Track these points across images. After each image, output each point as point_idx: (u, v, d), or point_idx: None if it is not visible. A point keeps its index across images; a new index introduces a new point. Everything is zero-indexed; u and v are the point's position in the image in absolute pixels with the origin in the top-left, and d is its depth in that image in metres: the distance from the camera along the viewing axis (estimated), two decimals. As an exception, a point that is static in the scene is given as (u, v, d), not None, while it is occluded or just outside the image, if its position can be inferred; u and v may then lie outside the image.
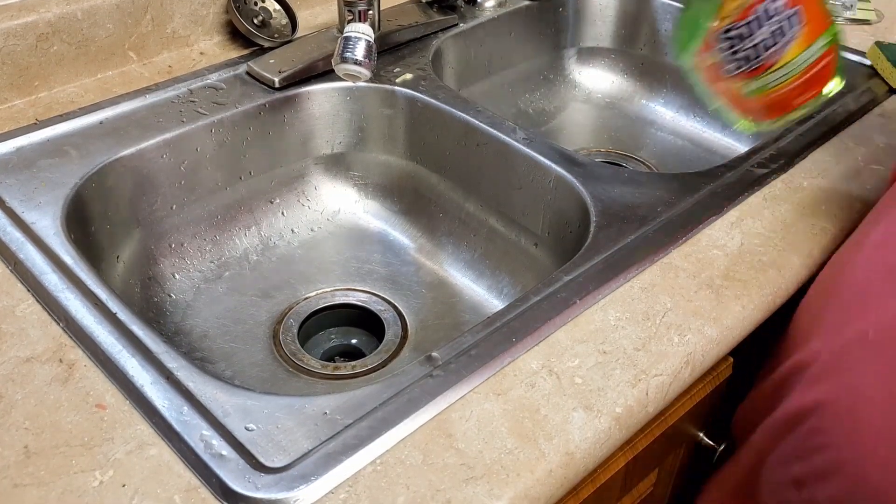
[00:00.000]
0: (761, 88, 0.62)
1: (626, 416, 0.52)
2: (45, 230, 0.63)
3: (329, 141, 0.86)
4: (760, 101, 0.63)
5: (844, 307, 0.57)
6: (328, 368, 0.74)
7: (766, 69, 0.60)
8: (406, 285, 0.83)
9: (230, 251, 0.82)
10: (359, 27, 0.77)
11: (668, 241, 0.65)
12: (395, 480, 0.47)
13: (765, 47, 0.60)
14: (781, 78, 0.61)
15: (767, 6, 0.59)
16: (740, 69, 0.62)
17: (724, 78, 0.63)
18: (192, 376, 0.52)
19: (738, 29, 0.60)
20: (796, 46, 0.59)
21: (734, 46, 0.61)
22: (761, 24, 0.59)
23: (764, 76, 0.61)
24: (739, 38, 0.60)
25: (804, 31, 0.58)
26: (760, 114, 0.64)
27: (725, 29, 0.60)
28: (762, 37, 0.59)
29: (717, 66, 0.62)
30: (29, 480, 0.46)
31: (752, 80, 0.61)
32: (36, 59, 0.77)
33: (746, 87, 0.62)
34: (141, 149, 0.73)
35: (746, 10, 0.59)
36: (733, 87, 0.63)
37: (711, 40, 0.61)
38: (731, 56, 0.61)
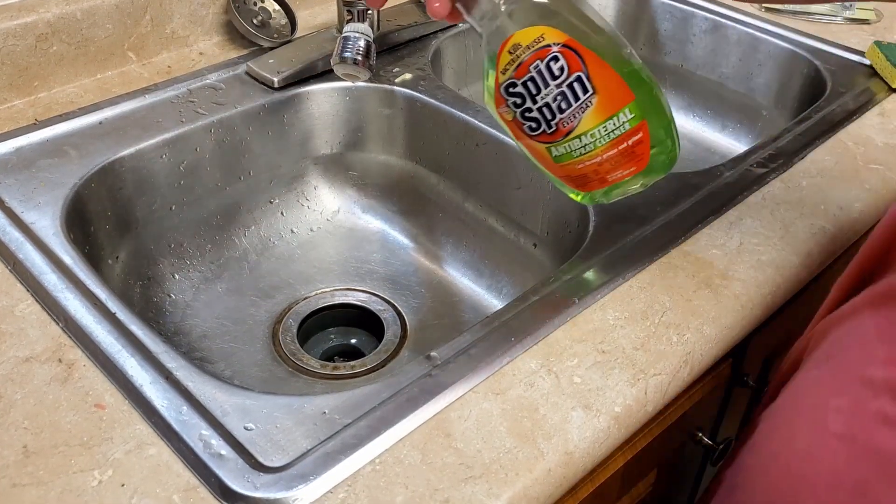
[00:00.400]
0: (567, 155, 0.57)
1: (625, 416, 0.52)
2: (44, 230, 0.63)
3: (328, 141, 0.86)
4: (572, 170, 0.58)
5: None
6: (327, 368, 0.75)
7: (564, 135, 0.56)
8: (405, 285, 0.83)
9: (230, 251, 0.82)
10: (358, 27, 0.77)
11: (667, 241, 0.65)
12: (393, 480, 0.47)
13: (556, 110, 0.55)
14: (585, 148, 0.56)
15: (541, 66, 0.54)
16: (536, 132, 0.57)
17: (527, 137, 0.58)
18: (192, 376, 0.52)
19: (518, 87, 0.56)
20: (592, 116, 0.55)
21: (521, 106, 0.56)
22: (540, 85, 0.55)
23: (564, 142, 0.57)
24: (523, 98, 0.56)
25: (597, 99, 0.54)
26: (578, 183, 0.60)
27: (506, 84, 0.56)
28: (547, 99, 0.55)
29: (517, 122, 0.58)
30: (28, 480, 0.46)
31: (553, 144, 0.57)
32: (35, 59, 0.77)
33: (552, 152, 0.58)
34: (140, 149, 0.73)
35: (522, 68, 0.55)
36: (539, 148, 0.59)
37: (500, 94, 0.57)
38: (523, 115, 0.57)
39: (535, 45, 0.54)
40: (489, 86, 0.58)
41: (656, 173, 0.58)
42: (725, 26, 0.99)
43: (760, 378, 0.74)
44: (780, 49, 0.95)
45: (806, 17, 1.00)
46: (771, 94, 0.98)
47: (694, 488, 0.79)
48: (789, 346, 0.78)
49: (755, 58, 0.97)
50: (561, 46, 0.54)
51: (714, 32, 1.00)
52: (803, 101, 0.93)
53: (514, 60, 0.55)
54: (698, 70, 1.03)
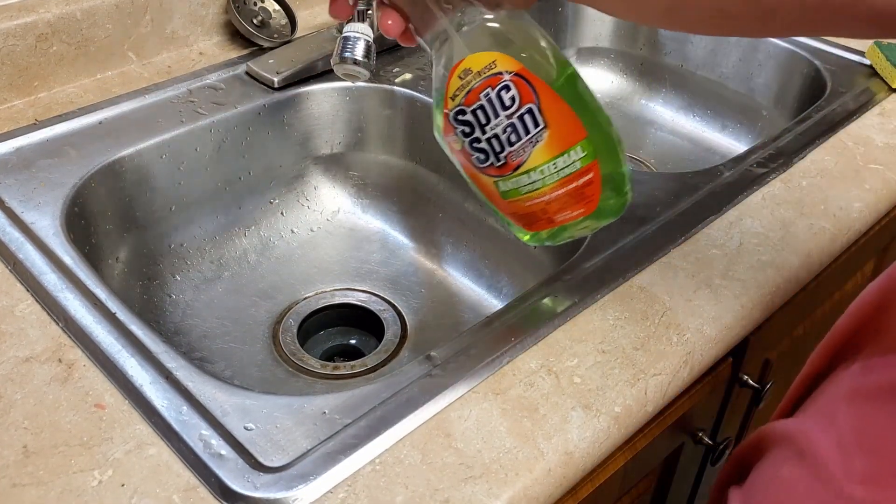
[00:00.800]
0: (515, 191, 0.54)
1: (625, 416, 0.52)
2: (44, 230, 0.63)
3: (328, 141, 0.86)
4: (519, 208, 0.55)
5: None
6: (327, 368, 0.75)
7: (513, 169, 0.53)
8: (405, 285, 0.83)
9: (230, 251, 0.82)
10: (358, 27, 0.77)
11: (667, 241, 0.65)
12: (393, 480, 0.47)
13: (506, 142, 0.52)
14: (533, 185, 0.53)
15: (491, 94, 0.51)
16: (485, 164, 0.53)
17: (477, 169, 0.55)
18: (192, 376, 0.52)
19: (467, 115, 0.52)
20: (542, 151, 0.51)
21: (469, 135, 0.53)
22: (489, 114, 0.52)
23: (513, 177, 0.53)
24: (472, 126, 0.52)
25: (548, 134, 0.51)
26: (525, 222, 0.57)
27: (456, 111, 0.52)
28: (496, 130, 0.52)
29: (465, 153, 0.54)
30: (28, 480, 0.46)
31: (501, 178, 0.54)
32: (35, 59, 0.77)
33: (499, 186, 0.54)
34: (140, 149, 0.73)
35: (472, 95, 0.51)
36: (487, 182, 0.55)
37: (448, 122, 0.53)
38: (471, 145, 0.53)
39: (486, 72, 0.51)
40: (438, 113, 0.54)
41: (606, 217, 0.55)
42: (725, 26, 0.99)
43: (760, 378, 0.74)
44: (780, 49, 0.95)
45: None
46: (771, 94, 0.98)
47: (694, 488, 0.79)
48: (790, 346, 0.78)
49: (755, 58, 0.97)
50: (513, 75, 0.50)
51: (714, 32, 1.00)
52: (803, 101, 0.93)
53: (465, 86, 0.52)
54: (698, 70, 1.03)
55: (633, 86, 1.09)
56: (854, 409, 0.47)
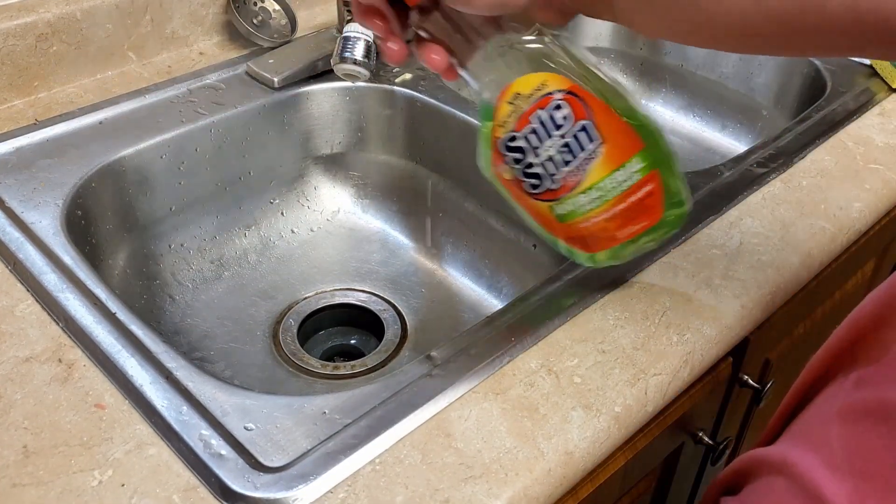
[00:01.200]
0: (572, 213, 0.53)
1: (625, 416, 0.52)
2: (44, 230, 0.63)
3: (328, 141, 0.86)
4: (578, 230, 0.54)
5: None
6: (328, 368, 0.75)
7: (569, 190, 0.51)
8: (405, 285, 0.83)
9: (230, 251, 0.82)
10: (358, 27, 0.77)
11: (667, 241, 0.65)
12: (394, 480, 0.47)
13: (561, 163, 0.51)
14: (592, 203, 0.52)
15: (543, 115, 0.50)
16: (539, 188, 0.52)
17: (529, 197, 0.54)
18: (192, 376, 0.52)
19: (518, 140, 0.51)
20: (600, 167, 0.50)
21: (521, 161, 0.52)
22: (542, 137, 0.50)
23: (570, 198, 0.52)
24: (523, 152, 0.51)
25: (605, 149, 0.50)
26: (585, 244, 0.55)
27: (506, 139, 0.51)
28: (550, 151, 0.50)
29: (517, 182, 0.53)
30: (28, 480, 0.46)
31: (556, 202, 0.52)
32: (35, 59, 0.77)
33: (555, 210, 0.53)
34: (140, 149, 0.73)
35: (522, 119, 0.50)
36: (541, 208, 0.54)
37: (498, 151, 0.52)
38: (524, 171, 0.52)
39: (536, 94, 0.50)
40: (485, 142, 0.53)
41: (669, 228, 0.53)
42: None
43: (761, 378, 0.74)
44: (780, 49, 0.95)
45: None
46: (771, 93, 0.97)
47: (694, 488, 0.79)
48: (790, 346, 0.78)
49: (755, 58, 0.97)
50: (565, 93, 0.49)
51: (714, 32, 1.00)
52: (803, 100, 0.93)
53: (515, 111, 0.50)
54: (698, 70, 1.03)
55: (633, 86, 1.09)
56: (847, 428, 0.47)
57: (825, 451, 0.47)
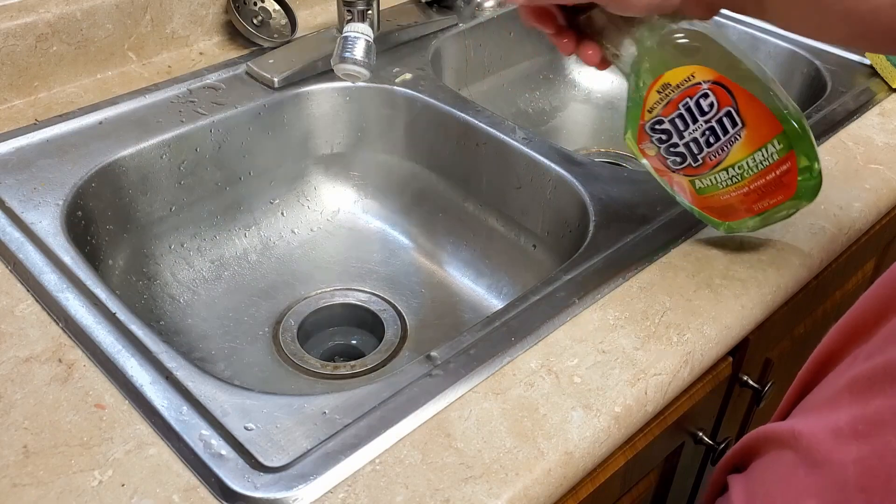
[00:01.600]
0: (712, 187, 0.59)
1: (625, 416, 0.52)
2: (44, 230, 0.63)
3: (328, 141, 0.86)
4: (715, 201, 0.60)
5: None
6: (328, 368, 0.75)
7: (711, 168, 0.58)
8: (405, 285, 0.83)
9: (230, 251, 0.82)
10: (358, 27, 0.77)
11: (668, 241, 0.65)
12: (394, 480, 0.47)
13: (705, 144, 0.57)
14: (731, 179, 0.58)
15: (690, 103, 0.56)
16: (681, 165, 0.59)
17: (670, 171, 0.60)
18: (192, 376, 0.52)
19: (665, 124, 0.57)
20: (741, 148, 0.56)
21: (666, 141, 0.58)
22: (688, 121, 0.56)
23: (710, 174, 0.58)
24: (668, 134, 0.57)
25: (746, 133, 0.56)
26: (721, 214, 0.61)
27: (653, 122, 0.58)
28: (695, 134, 0.57)
29: (660, 158, 0.59)
30: (28, 480, 0.46)
31: (697, 177, 0.59)
32: (35, 59, 0.77)
33: (696, 184, 0.60)
34: (140, 149, 0.73)
35: (671, 106, 0.56)
36: (683, 181, 0.60)
37: (644, 132, 0.59)
38: (668, 150, 0.58)
39: (685, 84, 0.55)
40: (631, 122, 0.59)
41: (803, 200, 0.58)
42: (725, 26, 0.99)
43: (760, 378, 0.74)
44: (780, 49, 0.95)
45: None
46: (771, 93, 0.97)
47: (694, 488, 0.79)
48: (790, 346, 0.78)
49: (755, 57, 0.97)
50: (711, 83, 0.55)
51: (714, 32, 1.00)
52: (803, 100, 0.93)
53: (663, 99, 0.56)
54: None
55: (633, 86, 1.09)
56: (854, 397, 0.47)
57: (833, 422, 0.47)
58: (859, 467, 0.44)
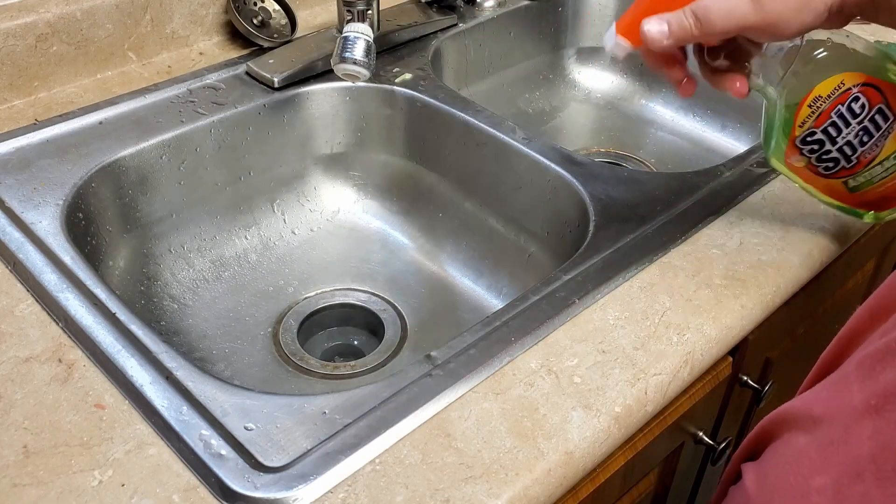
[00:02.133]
0: (866, 183, 0.60)
1: (625, 416, 0.52)
2: (44, 230, 0.63)
3: (328, 141, 0.86)
4: (871, 196, 0.62)
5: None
6: (328, 368, 0.75)
7: (865, 165, 0.59)
8: (405, 285, 0.83)
9: (230, 251, 0.82)
10: (358, 27, 0.77)
11: (668, 241, 0.65)
12: (394, 480, 0.47)
13: (859, 144, 0.58)
14: (886, 171, 0.59)
15: (842, 109, 0.57)
16: (834, 169, 0.60)
17: (821, 177, 0.61)
18: (192, 376, 0.52)
19: (817, 135, 0.59)
20: (893, 140, 0.58)
21: (819, 150, 0.60)
22: (841, 127, 0.58)
23: (865, 171, 0.60)
24: (820, 143, 0.59)
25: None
26: (875, 206, 0.63)
27: (804, 135, 0.59)
28: (848, 137, 0.58)
29: (811, 167, 0.61)
30: (28, 480, 0.46)
31: (851, 177, 0.60)
32: (35, 59, 0.77)
33: (849, 184, 0.61)
34: (140, 149, 0.73)
35: (822, 117, 0.58)
36: (834, 184, 0.62)
37: (794, 146, 0.60)
38: (820, 158, 0.60)
39: (836, 93, 0.57)
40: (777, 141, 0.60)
41: None
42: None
43: (760, 378, 0.74)
44: (780, 49, 0.95)
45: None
46: (771, 93, 0.97)
47: (694, 488, 0.79)
48: (790, 346, 0.78)
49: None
50: (861, 86, 0.57)
51: (714, 32, 1.00)
52: (803, 100, 0.93)
53: (815, 112, 0.58)
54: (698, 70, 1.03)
55: (633, 86, 1.09)
56: (863, 373, 0.47)
57: (846, 399, 0.47)
58: (874, 442, 0.44)
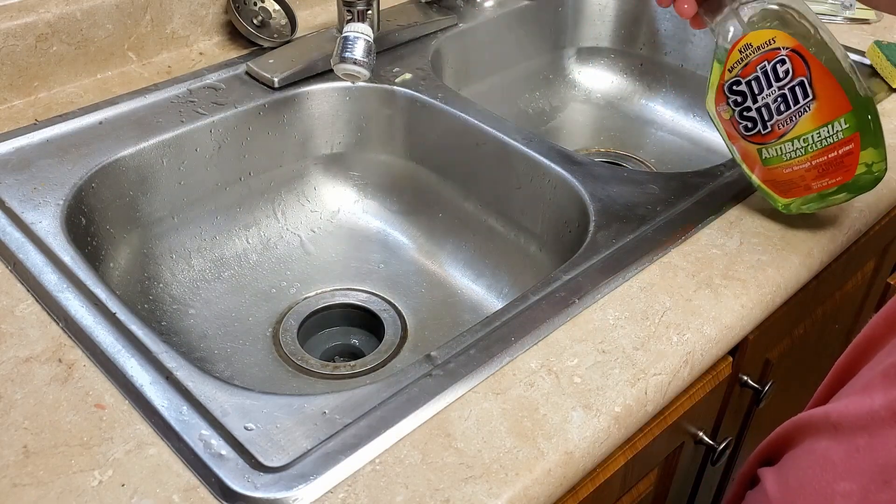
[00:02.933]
0: (776, 158, 0.62)
1: (625, 416, 0.52)
2: (44, 230, 0.63)
3: (328, 141, 0.86)
4: (778, 174, 0.63)
5: None
6: (328, 368, 0.75)
7: (778, 137, 0.61)
8: (406, 285, 0.83)
9: (230, 251, 0.82)
10: (358, 27, 0.77)
11: (668, 241, 0.65)
12: (394, 480, 0.47)
13: (776, 111, 0.60)
14: (795, 152, 0.61)
15: (767, 67, 0.59)
16: (751, 132, 0.62)
17: (740, 137, 0.63)
18: (192, 376, 0.52)
19: (741, 85, 0.61)
20: (808, 120, 0.59)
21: (741, 104, 0.61)
22: (763, 85, 0.60)
23: (776, 144, 0.61)
24: (743, 96, 0.61)
25: (816, 105, 0.59)
26: (782, 189, 0.64)
27: (731, 82, 0.61)
28: (767, 100, 0.60)
29: (734, 122, 0.63)
30: (28, 480, 0.46)
31: (765, 146, 0.62)
32: (35, 59, 0.77)
33: (762, 154, 0.62)
34: (140, 149, 0.73)
35: (749, 67, 0.60)
36: (750, 149, 0.63)
37: (722, 92, 0.62)
38: (741, 114, 0.62)
39: (765, 47, 0.59)
40: (713, 84, 0.62)
41: (860, 190, 0.61)
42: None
43: (760, 378, 0.74)
44: (780, 49, 0.95)
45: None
46: (771, 93, 0.97)
47: (694, 488, 0.79)
48: (790, 346, 0.78)
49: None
50: (789, 51, 0.58)
51: (714, 32, 1.00)
52: (803, 100, 0.93)
53: (743, 60, 0.60)
54: (698, 70, 1.03)
55: (633, 86, 1.09)
56: (888, 381, 0.47)
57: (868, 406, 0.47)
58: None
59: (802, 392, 0.91)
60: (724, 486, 0.87)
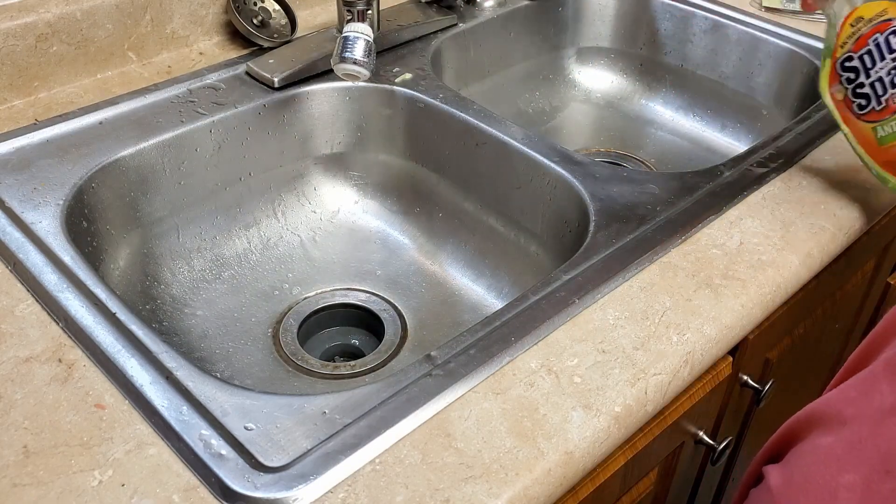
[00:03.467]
0: (892, 135, 0.61)
1: (625, 416, 0.52)
2: (44, 230, 0.63)
3: (328, 141, 0.86)
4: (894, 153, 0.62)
5: None
6: (328, 368, 0.75)
7: (893, 112, 0.60)
8: (406, 285, 0.83)
9: (230, 251, 0.82)
10: (358, 27, 0.77)
11: (668, 241, 0.65)
12: (394, 480, 0.47)
13: (890, 84, 0.59)
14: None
15: (880, 39, 0.58)
16: (865, 109, 0.61)
17: (855, 118, 0.62)
18: (192, 376, 0.52)
19: (854, 61, 0.60)
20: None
21: (854, 81, 0.61)
22: (876, 58, 0.59)
23: (892, 120, 0.60)
24: (856, 72, 0.60)
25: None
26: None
27: (843, 58, 0.61)
28: (881, 73, 0.59)
29: (847, 102, 0.62)
30: (28, 480, 0.46)
31: (879, 123, 0.61)
32: (35, 59, 0.77)
33: (878, 132, 0.61)
34: (140, 149, 0.73)
35: (861, 41, 0.59)
36: (865, 130, 0.62)
37: (835, 71, 0.62)
38: (854, 92, 0.61)
39: (876, 19, 0.58)
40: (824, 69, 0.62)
41: None
42: (725, 26, 0.99)
43: (760, 378, 0.74)
44: (780, 48, 0.95)
45: (806, 17, 1.00)
46: (771, 93, 0.98)
47: (694, 488, 0.79)
48: (790, 346, 0.78)
49: (755, 57, 0.97)
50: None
51: (714, 32, 1.00)
52: (803, 100, 0.93)
53: (855, 34, 0.59)
54: (698, 70, 1.03)
55: (633, 86, 1.09)
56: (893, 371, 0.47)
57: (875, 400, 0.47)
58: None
59: (803, 392, 0.91)
60: (724, 485, 0.87)
